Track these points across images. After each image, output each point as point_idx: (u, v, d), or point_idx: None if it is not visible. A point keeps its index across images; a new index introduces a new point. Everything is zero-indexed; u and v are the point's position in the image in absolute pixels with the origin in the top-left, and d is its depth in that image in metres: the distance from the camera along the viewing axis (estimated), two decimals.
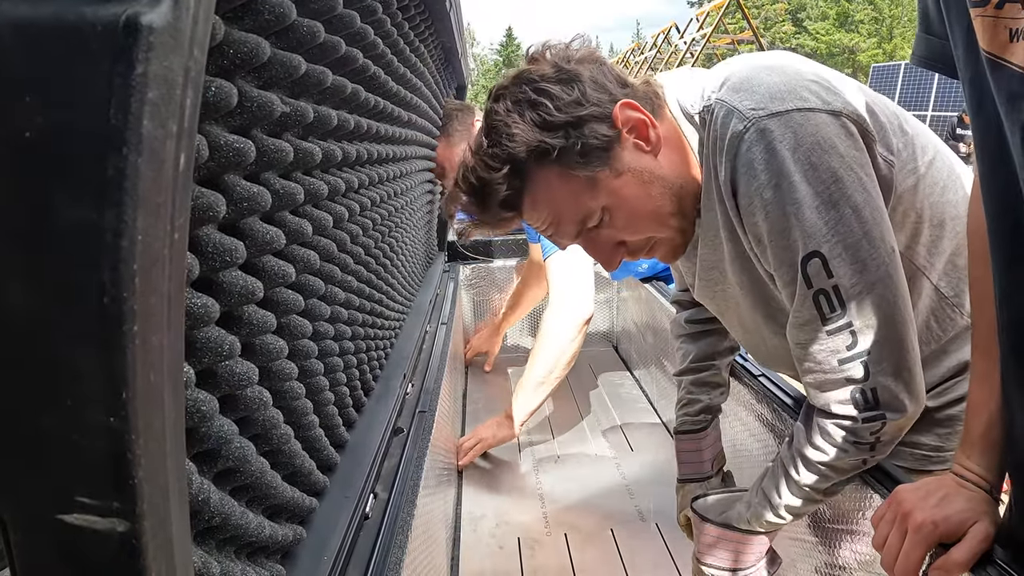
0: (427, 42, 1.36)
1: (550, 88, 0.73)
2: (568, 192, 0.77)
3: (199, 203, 0.42)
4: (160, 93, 0.20)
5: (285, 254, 0.60)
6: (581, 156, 0.74)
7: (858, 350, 0.72)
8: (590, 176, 0.75)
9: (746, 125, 0.70)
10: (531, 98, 0.74)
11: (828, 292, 0.71)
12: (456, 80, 2.04)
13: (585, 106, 0.74)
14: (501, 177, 0.75)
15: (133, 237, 0.21)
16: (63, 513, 0.26)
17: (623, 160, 0.76)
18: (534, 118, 0.73)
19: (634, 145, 0.77)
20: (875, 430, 0.75)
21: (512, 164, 0.75)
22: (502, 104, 0.76)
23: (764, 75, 0.73)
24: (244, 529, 0.50)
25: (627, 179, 0.76)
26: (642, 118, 0.76)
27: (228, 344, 0.46)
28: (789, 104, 0.70)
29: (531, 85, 0.74)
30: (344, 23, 0.70)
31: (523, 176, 0.76)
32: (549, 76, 0.74)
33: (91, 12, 0.19)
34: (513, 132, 0.74)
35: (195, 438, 0.45)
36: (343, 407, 0.85)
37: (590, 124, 0.74)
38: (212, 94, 0.42)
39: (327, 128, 0.69)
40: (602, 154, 0.75)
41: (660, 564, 1.23)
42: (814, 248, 0.70)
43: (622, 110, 0.75)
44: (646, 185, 0.77)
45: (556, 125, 0.73)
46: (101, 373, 0.23)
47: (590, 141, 0.74)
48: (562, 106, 0.73)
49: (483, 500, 1.48)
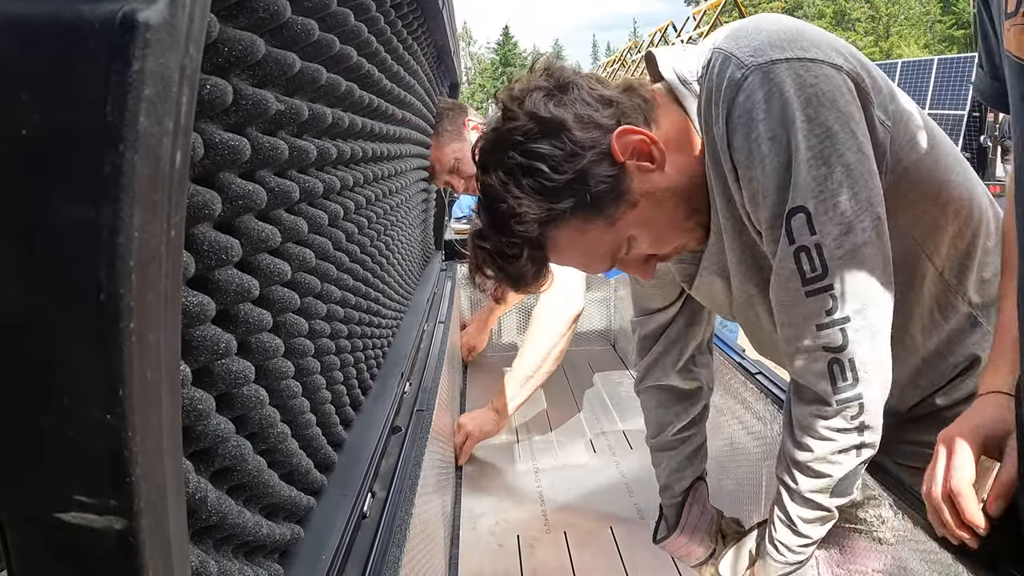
0: (420, 40, 1.35)
1: (539, 148, 0.69)
2: (591, 239, 0.74)
3: (194, 201, 0.42)
4: (156, 90, 0.20)
5: (280, 252, 0.60)
6: (594, 205, 0.71)
7: (837, 316, 0.70)
8: (608, 218, 0.73)
9: (744, 73, 0.68)
10: (523, 164, 0.69)
11: (810, 249, 0.69)
12: (449, 78, 2.04)
13: (583, 155, 0.69)
14: (525, 260, 0.73)
15: (130, 234, 0.21)
16: (60, 512, 0.26)
17: (634, 190, 0.73)
18: (534, 186, 0.70)
19: (638, 168, 0.73)
20: (855, 413, 0.73)
21: (530, 244, 0.73)
22: (495, 176, 0.71)
23: (765, 23, 0.71)
24: (241, 528, 0.50)
25: (643, 205, 0.74)
26: (640, 139, 0.72)
27: (224, 342, 0.46)
28: (789, 53, 0.67)
29: (518, 148, 0.70)
30: (338, 21, 0.70)
31: (543, 245, 0.74)
32: (533, 132, 0.70)
33: (88, 9, 0.19)
34: (519, 212, 0.70)
35: (191, 437, 0.45)
36: (340, 406, 0.85)
37: (592, 171, 0.70)
38: (207, 92, 0.42)
39: (322, 126, 0.69)
40: (613, 194, 0.72)
41: (659, 563, 1.23)
42: (800, 203, 0.68)
43: (619, 140, 0.71)
44: (661, 203, 0.75)
45: (559, 188, 0.69)
46: (98, 370, 0.23)
47: (598, 188, 0.70)
48: (559, 165, 0.69)
49: (482, 498, 1.48)
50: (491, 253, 0.75)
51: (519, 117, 0.71)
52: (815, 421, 0.76)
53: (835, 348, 0.71)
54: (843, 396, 0.73)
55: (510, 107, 0.72)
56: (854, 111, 0.70)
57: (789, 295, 0.73)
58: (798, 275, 0.71)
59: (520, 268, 0.74)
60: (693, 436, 1.07)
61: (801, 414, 0.77)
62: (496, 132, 0.73)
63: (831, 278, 0.70)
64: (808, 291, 0.71)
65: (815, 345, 0.72)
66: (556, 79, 0.73)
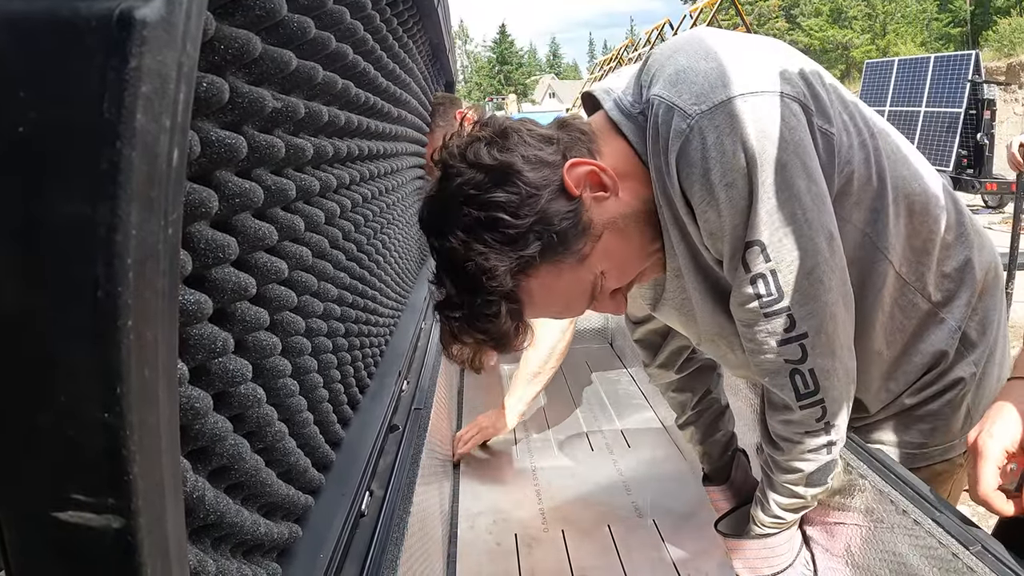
0: (415, 38, 1.35)
1: (495, 197, 0.67)
2: (566, 281, 0.73)
3: (191, 199, 0.42)
4: (154, 87, 0.20)
5: (277, 250, 0.60)
6: (561, 244, 0.70)
7: (795, 333, 0.74)
8: (577, 254, 0.72)
9: (688, 123, 0.68)
10: (482, 217, 0.67)
11: (766, 275, 0.72)
12: (444, 76, 2.04)
13: (539, 195, 0.68)
14: (504, 317, 0.71)
15: (127, 231, 0.21)
16: (58, 510, 0.26)
17: (595, 221, 0.72)
18: (498, 237, 0.68)
19: (594, 199, 0.72)
20: (819, 416, 0.78)
21: (506, 299, 0.70)
22: (454, 239, 0.69)
23: (701, 63, 0.70)
24: (239, 527, 0.50)
25: (607, 236, 0.73)
26: (590, 169, 0.72)
27: (221, 341, 0.46)
28: (731, 90, 0.67)
29: (472, 203, 0.68)
30: (333, 18, 0.70)
31: (518, 299, 0.72)
32: (484, 182, 0.68)
33: (85, 7, 0.19)
34: (489, 267, 0.68)
35: (189, 435, 0.45)
36: (338, 404, 0.85)
37: (552, 209, 0.69)
38: (203, 90, 0.42)
39: (318, 124, 0.69)
40: (576, 229, 0.70)
41: (657, 560, 1.24)
42: (755, 237, 0.71)
43: (570, 173, 0.70)
44: (623, 231, 0.75)
45: (524, 232, 0.68)
46: (96, 368, 0.23)
47: (562, 226, 0.69)
48: (518, 210, 0.67)
49: (480, 497, 1.48)
50: (466, 320, 0.72)
51: (464, 172, 0.69)
52: (783, 426, 0.81)
53: (796, 361, 0.75)
54: (806, 402, 0.77)
55: (452, 163, 0.70)
56: (802, 136, 0.70)
57: (749, 316, 0.76)
58: (755, 298, 0.74)
59: (502, 327, 0.71)
60: (712, 403, 1.12)
61: (771, 418, 0.82)
62: (442, 193, 0.71)
63: (787, 300, 0.73)
64: (766, 312, 0.74)
65: (777, 359, 0.76)
66: (492, 128, 0.72)
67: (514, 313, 0.71)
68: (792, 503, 0.88)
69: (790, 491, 0.86)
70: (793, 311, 0.73)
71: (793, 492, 0.86)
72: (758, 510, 0.93)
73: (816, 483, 0.84)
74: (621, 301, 0.80)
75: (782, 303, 0.73)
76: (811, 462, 0.82)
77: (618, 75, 0.84)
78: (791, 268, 0.72)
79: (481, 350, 0.79)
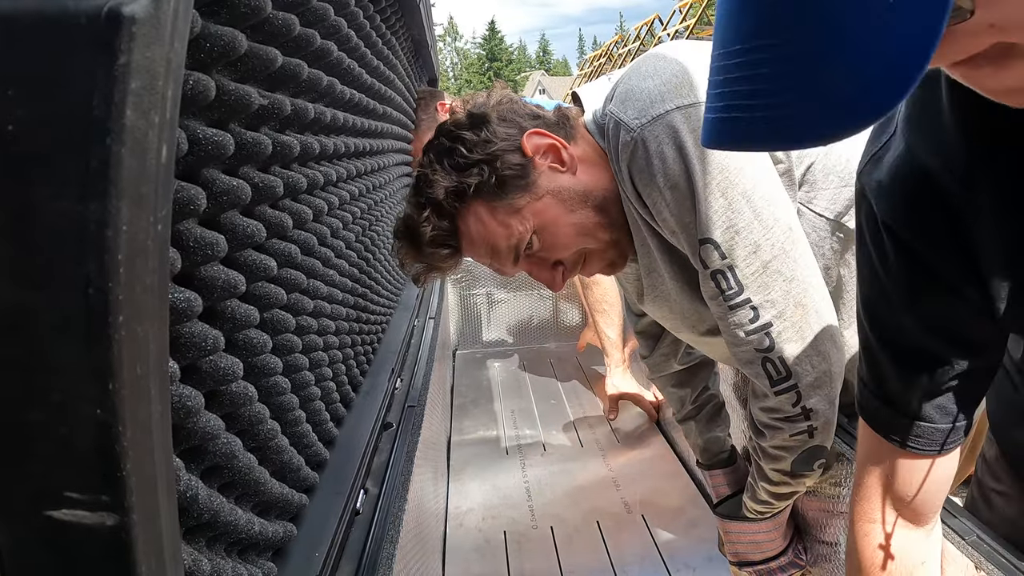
0: (398, 35, 1.35)
1: (463, 134, 0.81)
2: (497, 223, 0.82)
3: (179, 196, 0.42)
4: (143, 84, 0.20)
5: (265, 248, 0.60)
6: (499, 188, 0.80)
7: (760, 323, 0.77)
8: (512, 204, 0.81)
9: (632, 136, 0.76)
10: (447, 146, 0.82)
11: (724, 271, 0.77)
12: (427, 73, 2.03)
13: (494, 142, 0.80)
14: (424, 219, 0.83)
15: (117, 228, 0.21)
16: (52, 509, 0.26)
17: (540, 184, 0.82)
18: (451, 163, 0.81)
19: (550, 168, 0.82)
20: (794, 401, 0.80)
21: (433, 207, 0.82)
22: (426, 157, 0.84)
23: (645, 82, 0.78)
24: (233, 526, 0.50)
25: (548, 201, 0.82)
26: (552, 142, 0.82)
27: (212, 339, 0.46)
28: (668, 105, 0.75)
29: (447, 135, 0.83)
30: (318, 15, 0.69)
31: (450, 216, 0.83)
32: (462, 123, 0.82)
33: (73, 4, 0.19)
34: (432, 179, 0.81)
35: (181, 434, 0.45)
36: (331, 403, 0.85)
37: (502, 158, 0.80)
38: (190, 87, 0.42)
39: (304, 121, 0.69)
40: (519, 182, 0.81)
41: (646, 556, 1.25)
42: (706, 235, 0.76)
43: (529, 139, 0.82)
44: (567, 203, 0.82)
45: (469, 164, 0.80)
46: (88, 365, 0.23)
47: (504, 173, 0.80)
48: (472, 147, 0.80)
49: (470, 494, 1.49)
50: (403, 216, 0.86)
51: (458, 114, 0.84)
52: (763, 413, 0.83)
53: (765, 349, 0.79)
54: (779, 388, 0.80)
55: (455, 109, 0.86)
56: None
57: (717, 308, 0.80)
58: (719, 293, 0.78)
59: (419, 227, 0.83)
60: (710, 399, 1.16)
61: (753, 406, 0.85)
62: (438, 127, 0.86)
63: (748, 292, 0.77)
64: (731, 306, 0.78)
65: (749, 348, 0.79)
66: (498, 95, 0.86)
67: (441, 227, 0.83)
68: (779, 490, 0.90)
69: (777, 477, 0.88)
70: (754, 302, 0.77)
71: (780, 479, 0.88)
72: (748, 497, 0.96)
73: (801, 470, 0.86)
74: (558, 279, 0.87)
75: (743, 295, 0.77)
76: (793, 448, 0.83)
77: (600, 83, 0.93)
78: (747, 262, 0.76)
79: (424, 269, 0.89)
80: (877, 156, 0.54)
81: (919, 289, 0.54)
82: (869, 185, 0.54)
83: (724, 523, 1.05)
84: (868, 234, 0.56)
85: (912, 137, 0.50)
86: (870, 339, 0.60)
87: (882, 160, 0.53)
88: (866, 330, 0.60)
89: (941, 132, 0.47)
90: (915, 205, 0.51)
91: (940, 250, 0.51)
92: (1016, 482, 0.79)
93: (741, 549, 1.02)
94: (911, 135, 0.50)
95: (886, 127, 0.54)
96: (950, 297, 0.52)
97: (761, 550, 1.00)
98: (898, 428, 0.60)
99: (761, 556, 1.00)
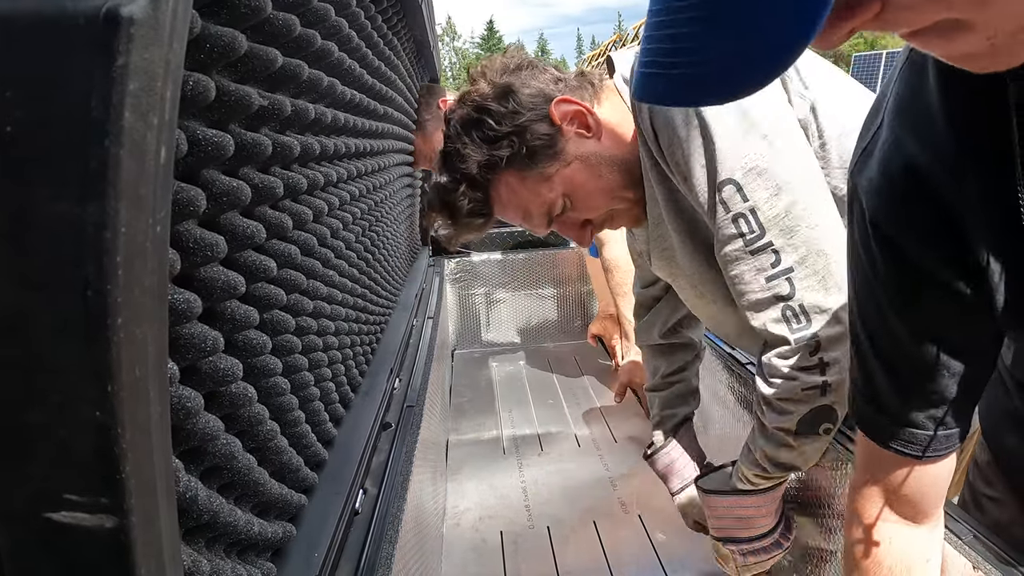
0: (400, 35, 1.35)
1: (489, 105, 0.83)
2: (528, 191, 0.86)
3: (179, 198, 0.42)
4: (141, 85, 0.20)
5: (265, 249, 0.60)
6: (529, 158, 0.83)
7: (782, 267, 0.77)
8: (542, 173, 0.84)
9: None
10: (474, 117, 0.84)
11: (746, 214, 0.76)
12: (429, 73, 2.03)
13: (522, 113, 0.82)
14: (461, 194, 0.86)
15: (116, 229, 0.21)
16: (51, 511, 0.26)
17: (568, 151, 0.84)
18: (480, 136, 0.84)
19: (576, 135, 0.85)
20: (812, 349, 0.78)
21: (467, 181, 0.85)
22: (451, 128, 0.86)
23: None
24: (233, 527, 0.50)
25: (576, 166, 0.85)
26: (578, 108, 0.84)
27: (211, 340, 0.46)
28: None
29: (473, 106, 0.84)
30: (319, 16, 0.69)
31: (483, 187, 0.86)
32: (487, 94, 0.84)
33: (71, 5, 0.19)
34: (464, 154, 0.84)
35: (180, 435, 0.45)
36: (330, 403, 0.85)
37: (531, 128, 0.83)
38: (190, 88, 0.42)
39: (304, 122, 0.68)
40: (548, 151, 0.83)
41: (642, 556, 1.24)
42: (727, 176, 0.76)
43: (557, 107, 0.83)
44: (594, 168, 0.85)
45: (499, 137, 0.83)
46: (87, 367, 0.23)
47: (534, 143, 0.83)
48: (501, 119, 0.83)
49: (467, 494, 1.48)
50: (436, 189, 0.88)
51: (480, 83, 0.86)
52: (779, 362, 0.81)
53: (785, 296, 0.78)
54: (798, 336, 0.78)
55: (475, 77, 0.87)
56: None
57: (734, 253, 0.79)
58: (739, 236, 0.78)
59: (456, 201, 0.86)
60: (681, 381, 1.19)
61: (767, 358, 0.83)
62: (461, 94, 0.88)
63: (770, 235, 0.77)
64: (751, 250, 0.78)
65: (768, 296, 0.78)
66: (517, 59, 0.88)
67: (473, 198, 0.86)
68: (778, 455, 0.86)
69: (779, 438, 0.84)
70: (776, 246, 0.76)
71: (782, 440, 0.84)
72: (744, 462, 0.92)
73: (805, 431, 0.82)
74: (586, 235, 0.91)
75: (764, 239, 0.76)
76: (803, 404, 0.80)
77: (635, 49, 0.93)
78: (770, 204, 0.75)
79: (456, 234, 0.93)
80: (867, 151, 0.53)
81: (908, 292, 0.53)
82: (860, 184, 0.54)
83: (708, 499, 1.01)
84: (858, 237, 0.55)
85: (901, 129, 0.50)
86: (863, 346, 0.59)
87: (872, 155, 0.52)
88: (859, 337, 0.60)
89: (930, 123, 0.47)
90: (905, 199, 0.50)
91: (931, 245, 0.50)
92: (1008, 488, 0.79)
93: (727, 524, 0.98)
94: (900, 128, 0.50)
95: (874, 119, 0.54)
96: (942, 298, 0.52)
97: (748, 526, 0.96)
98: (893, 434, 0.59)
99: (747, 533, 0.96)
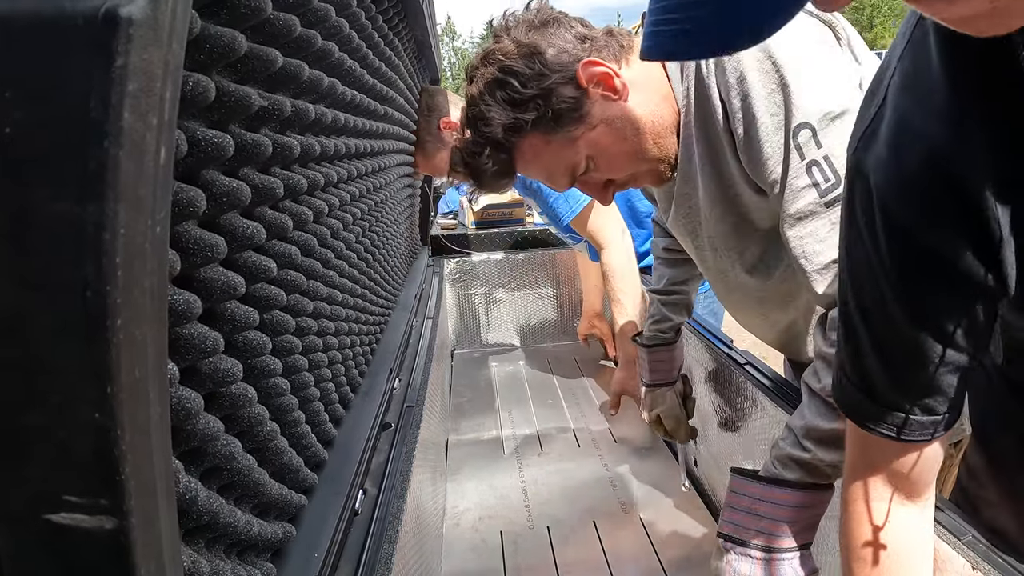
0: (401, 35, 1.35)
1: (514, 65, 0.80)
2: (552, 153, 0.85)
3: (178, 198, 0.42)
4: (140, 85, 0.20)
5: (265, 249, 0.60)
6: (555, 121, 0.81)
7: None
8: (567, 135, 0.83)
9: None
10: (499, 78, 0.81)
11: (819, 162, 0.74)
12: (430, 74, 2.02)
13: (549, 76, 0.80)
14: (486, 158, 0.85)
15: (115, 230, 0.21)
16: (50, 513, 0.26)
17: (594, 114, 0.82)
18: (504, 97, 0.81)
19: (602, 97, 0.82)
20: None
21: (492, 144, 0.84)
22: (475, 87, 0.83)
23: None
24: (233, 527, 0.50)
25: (602, 129, 0.83)
26: (605, 71, 0.81)
27: (211, 340, 0.46)
28: None
29: (497, 65, 0.81)
30: (319, 16, 0.69)
31: (507, 150, 0.85)
32: (512, 53, 0.81)
33: (70, 5, 0.19)
34: (488, 117, 0.82)
35: (180, 436, 0.45)
36: (329, 403, 0.85)
37: (557, 91, 0.80)
38: (190, 88, 0.42)
39: (305, 122, 0.68)
40: (573, 114, 0.81)
41: (642, 557, 1.24)
42: (803, 120, 0.74)
43: (584, 69, 0.80)
44: (620, 131, 0.84)
45: (524, 100, 0.80)
46: (86, 368, 0.23)
47: (559, 106, 0.80)
48: (527, 81, 0.80)
49: (466, 494, 1.48)
50: (461, 150, 0.88)
51: (504, 41, 0.83)
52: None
53: None
54: None
55: (499, 33, 0.85)
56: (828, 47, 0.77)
57: (807, 208, 0.75)
58: (813, 188, 0.74)
59: (481, 164, 0.86)
60: (683, 293, 1.27)
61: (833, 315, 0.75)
62: (484, 52, 0.85)
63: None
64: (827, 202, 0.74)
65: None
66: (543, 15, 0.85)
67: (497, 160, 0.86)
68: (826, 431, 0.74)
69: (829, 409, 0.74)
70: None
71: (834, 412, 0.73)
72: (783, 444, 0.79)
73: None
74: (608, 194, 0.90)
75: (839, 189, 0.73)
76: None
77: None
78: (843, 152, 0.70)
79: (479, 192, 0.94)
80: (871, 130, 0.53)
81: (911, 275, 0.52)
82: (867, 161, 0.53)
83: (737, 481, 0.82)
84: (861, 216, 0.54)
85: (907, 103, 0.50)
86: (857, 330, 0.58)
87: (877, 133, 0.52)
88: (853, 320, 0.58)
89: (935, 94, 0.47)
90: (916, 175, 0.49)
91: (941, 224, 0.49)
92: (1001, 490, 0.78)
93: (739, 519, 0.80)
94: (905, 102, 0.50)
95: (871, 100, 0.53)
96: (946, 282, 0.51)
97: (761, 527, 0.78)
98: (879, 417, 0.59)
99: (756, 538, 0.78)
